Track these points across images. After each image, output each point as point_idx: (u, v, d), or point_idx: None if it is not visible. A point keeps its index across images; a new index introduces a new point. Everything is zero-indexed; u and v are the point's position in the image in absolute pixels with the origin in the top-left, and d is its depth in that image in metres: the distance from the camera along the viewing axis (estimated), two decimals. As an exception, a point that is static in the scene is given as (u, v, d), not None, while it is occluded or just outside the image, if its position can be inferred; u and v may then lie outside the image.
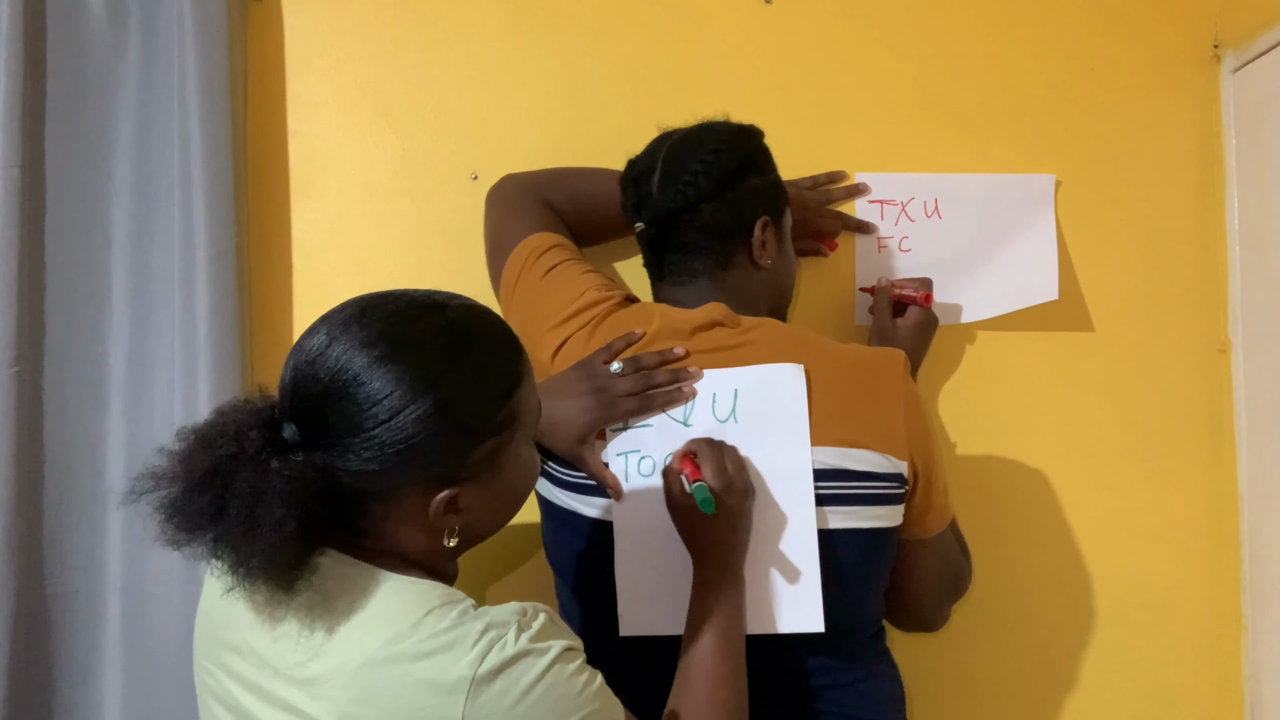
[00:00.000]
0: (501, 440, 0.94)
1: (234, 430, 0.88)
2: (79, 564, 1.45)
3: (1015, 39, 1.61)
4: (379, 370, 0.89)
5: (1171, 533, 1.61)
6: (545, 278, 1.35)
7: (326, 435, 0.90)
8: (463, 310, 0.96)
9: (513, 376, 0.95)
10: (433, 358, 0.91)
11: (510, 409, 0.94)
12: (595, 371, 1.20)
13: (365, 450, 0.89)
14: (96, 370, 1.48)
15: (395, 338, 0.91)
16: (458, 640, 0.87)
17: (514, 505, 1.01)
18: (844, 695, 1.21)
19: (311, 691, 0.89)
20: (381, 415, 0.88)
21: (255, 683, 0.93)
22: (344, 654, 0.88)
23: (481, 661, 0.86)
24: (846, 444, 1.19)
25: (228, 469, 0.86)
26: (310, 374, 0.91)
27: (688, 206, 1.26)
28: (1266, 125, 1.54)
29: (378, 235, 1.57)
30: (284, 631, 0.91)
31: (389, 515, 0.93)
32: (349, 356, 0.90)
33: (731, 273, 1.28)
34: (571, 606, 1.29)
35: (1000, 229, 1.58)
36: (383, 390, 0.89)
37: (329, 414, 0.90)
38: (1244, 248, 1.60)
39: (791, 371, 1.19)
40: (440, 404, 0.90)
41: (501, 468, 0.95)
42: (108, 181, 1.49)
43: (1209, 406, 1.62)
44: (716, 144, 1.28)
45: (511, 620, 0.89)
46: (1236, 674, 1.60)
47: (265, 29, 1.57)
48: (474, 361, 0.93)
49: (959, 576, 1.38)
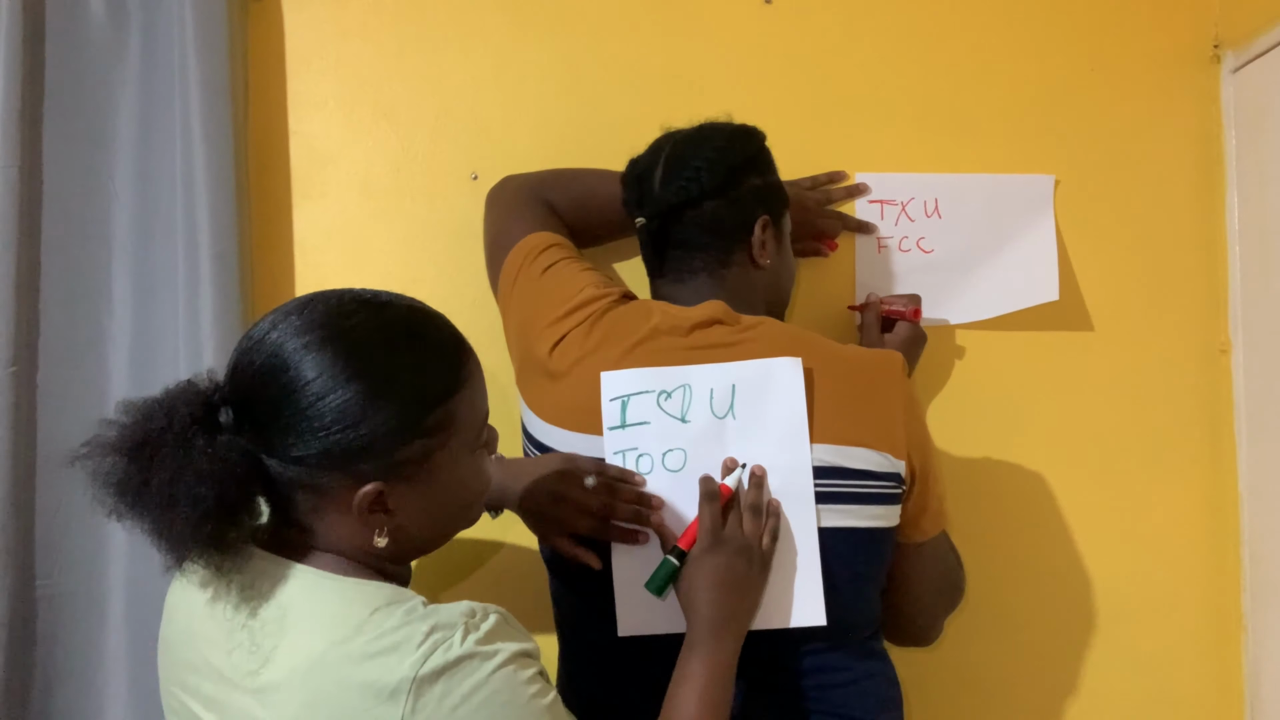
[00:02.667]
0: (432, 444, 0.92)
1: (169, 407, 0.89)
2: (78, 564, 1.45)
3: (1015, 39, 1.61)
4: (308, 356, 0.90)
5: (1171, 533, 1.61)
6: (544, 275, 1.34)
7: (256, 419, 0.90)
8: (405, 310, 0.96)
9: (451, 381, 0.94)
10: (362, 349, 0.91)
11: (445, 414, 0.93)
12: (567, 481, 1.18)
13: (289, 435, 0.89)
14: (97, 370, 1.48)
15: (329, 327, 0.91)
16: (402, 641, 0.86)
17: (455, 516, 1.00)
18: (840, 695, 1.20)
19: (263, 699, 0.88)
20: (305, 400, 0.89)
21: (214, 698, 0.93)
22: (292, 659, 0.88)
23: (424, 663, 0.84)
24: (845, 441, 1.18)
25: (156, 442, 0.87)
26: (247, 358, 0.92)
27: (690, 202, 1.26)
28: (1266, 125, 1.53)
29: (378, 235, 1.57)
30: (236, 642, 0.91)
31: (317, 508, 0.92)
32: (283, 342, 0.91)
33: (731, 271, 1.29)
34: (568, 607, 1.29)
35: (1000, 229, 1.58)
36: (308, 375, 0.89)
37: (259, 397, 0.90)
38: (1244, 248, 1.60)
39: (789, 365, 1.19)
40: (364, 394, 0.89)
41: (435, 472, 0.93)
42: (108, 182, 1.49)
43: (1209, 406, 1.62)
44: (720, 141, 1.29)
45: (459, 621, 0.87)
46: (1236, 674, 1.60)
47: (265, 29, 1.57)
48: (407, 358, 0.92)
49: (954, 586, 1.37)
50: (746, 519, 1.14)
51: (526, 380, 1.30)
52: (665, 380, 1.20)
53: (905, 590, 1.29)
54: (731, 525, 1.13)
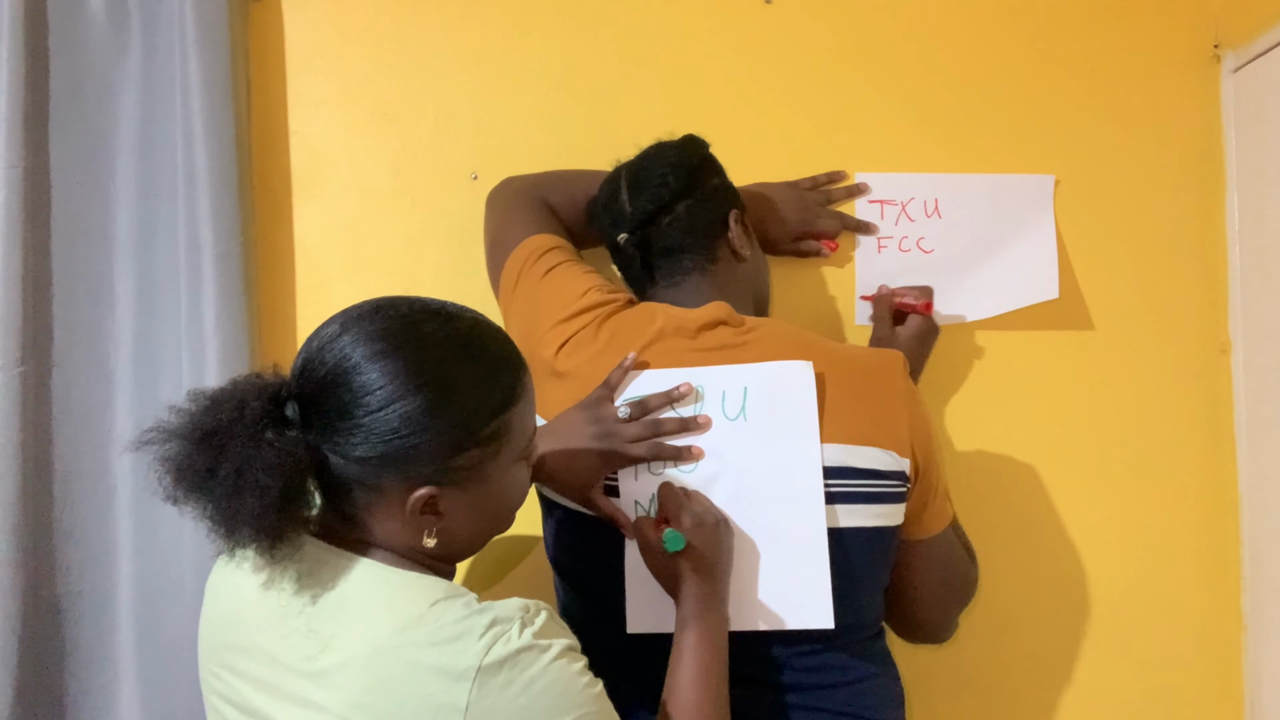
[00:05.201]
0: (487, 453, 0.97)
1: (239, 398, 0.92)
2: (87, 563, 1.46)
3: (1015, 39, 1.62)
4: (378, 363, 0.93)
5: (1171, 533, 1.61)
6: (546, 277, 1.35)
7: (322, 418, 0.93)
8: (471, 323, 0.99)
9: (508, 394, 0.98)
10: (430, 360, 0.94)
11: (501, 425, 0.97)
12: (601, 415, 1.20)
13: (354, 436, 0.92)
14: (101, 370, 1.48)
15: (399, 335, 0.95)
16: (465, 632, 0.90)
17: (498, 520, 1.04)
18: (845, 694, 1.20)
19: (323, 683, 0.91)
20: (373, 405, 0.92)
21: (266, 680, 0.95)
22: (353, 645, 0.91)
23: (488, 652, 0.89)
24: (852, 441, 1.19)
25: (226, 433, 0.90)
26: (318, 359, 0.95)
27: (664, 207, 1.30)
28: (1266, 125, 1.54)
29: (378, 235, 1.57)
30: (292, 628, 0.94)
31: (371, 505, 0.96)
32: (353, 347, 0.94)
33: (719, 267, 1.32)
34: (572, 605, 1.29)
35: (1000, 229, 1.58)
36: (377, 382, 0.92)
37: (327, 398, 0.94)
38: (1244, 248, 1.60)
39: (801, 368, 1.20)
40: (429, 404, 0.93)
41: (485, 480, 0.98)
42: (110, 182, 1.50)
43: (1209, 406, 1.62)
44: (671, 155, 1.35)
45: (516, 615, 0.92)
46: (1236, 674, 1.60)
47: (265, 29, 1.57)
48: (470, 371, 0.96)
49: (965, 581, 1.37)
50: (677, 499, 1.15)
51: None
52: (676, 382, 1.20)
53: (911, 587, 1.30)
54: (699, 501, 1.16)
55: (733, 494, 1.19)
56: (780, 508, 1.18)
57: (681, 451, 1.19)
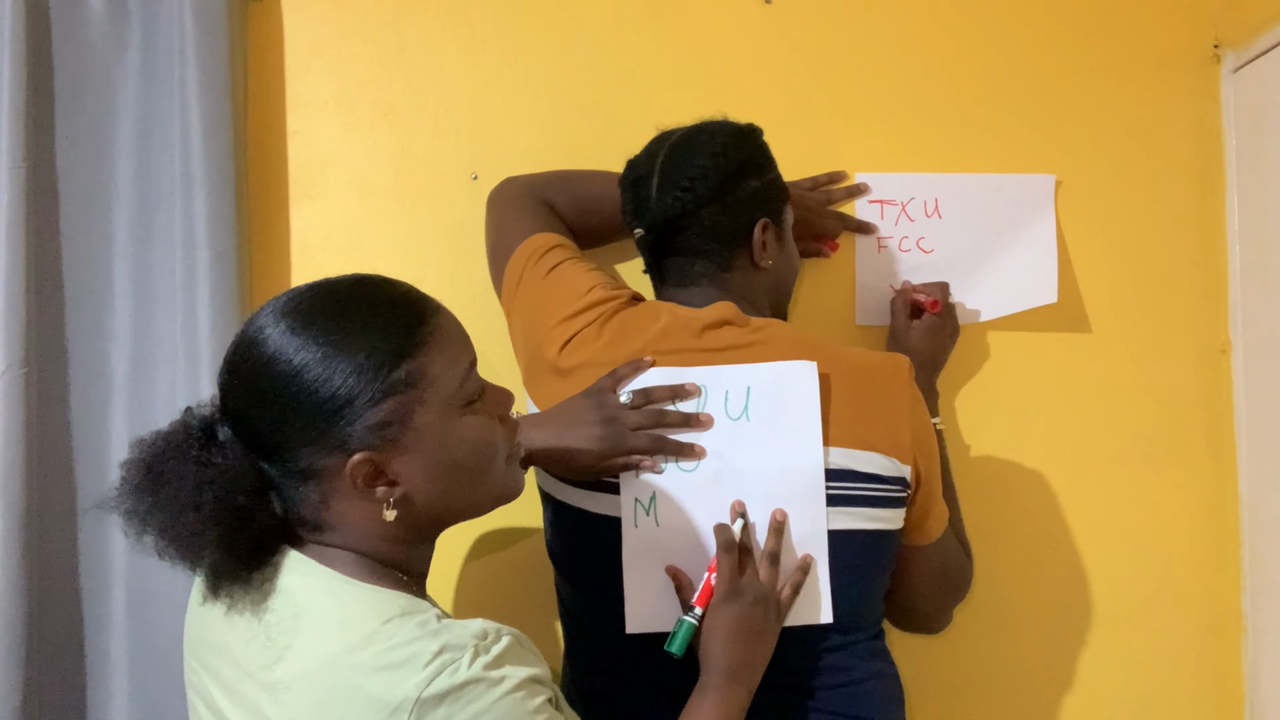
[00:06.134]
0: (405, 401, 0.92)
1: (168, 432, 0.94)
2: (84, 564, 1.46)
3: (1016, 39, 1.61)
4: (262, 338, 0.93)
5: (1171, 533, 1.61)
6: (549, 276, 1.35)
7: (244, 425, 0.93)
8: (352, 281, 0.98)
9: (408, 336, 0.94)
10: (310, 319, 0.93)
11: (413, 369, 0.92)
12: (605, 401, 1.18)
13: (269, 422, 0.92)
14: (99, 370, 1.48)
15: (277, 311, 0.94)
16: (410, 658, 0.85)
17: (458, 476, 0.97)
18: (845, 695, 1.20)
19: (274, 697, 0.89)
20: (269, 381, 0.91)
21: (229, 683, 0.94)
22: (303, 661, 0.89)
23: (429, 684, 0.84)
24: (854, 445, 1.19)
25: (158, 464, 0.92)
26: (224, 373, 0.96)
27: (686, 212, 1.26)
28: (1266, 125, 1.53)
29: (378, 235, 1.57)
30: (254, 633, 0.92)
31: (325, 497, 0.94)
32: (245, 346, 0.94)
33: (733, 274, 1.29)
34: (573, 602, 1.29)
35: (1000, 229, 1.58)
36: (267, 352, 0.92)
37: (239, 397, 0.94)
38: (1244, 248, 1.60)
39: (805, 369, 1.19)
40: (320, 359, 0.91)
41: (424, 435, 0.93)
42: (109, 181, 1.49)
43: (1209, 406, 1.62)
44: (713, 148, 1.27)
45: (469, 643, 0.86)
46: (1236, 674, 1.60)
47: (265, 29, 1.57)
48: (356, 319, 0.93)
49: (961, 578, 1.38)
50: (764, 568, 1.15)
51: (535, 380, 1.30)
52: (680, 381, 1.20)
53: (910, 589, 1.30)
54: (749, 574, 1.13)
55: (734, 494, 1.18)
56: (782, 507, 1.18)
57: (684, 448, 1.19)
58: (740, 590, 1.11)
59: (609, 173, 1.42)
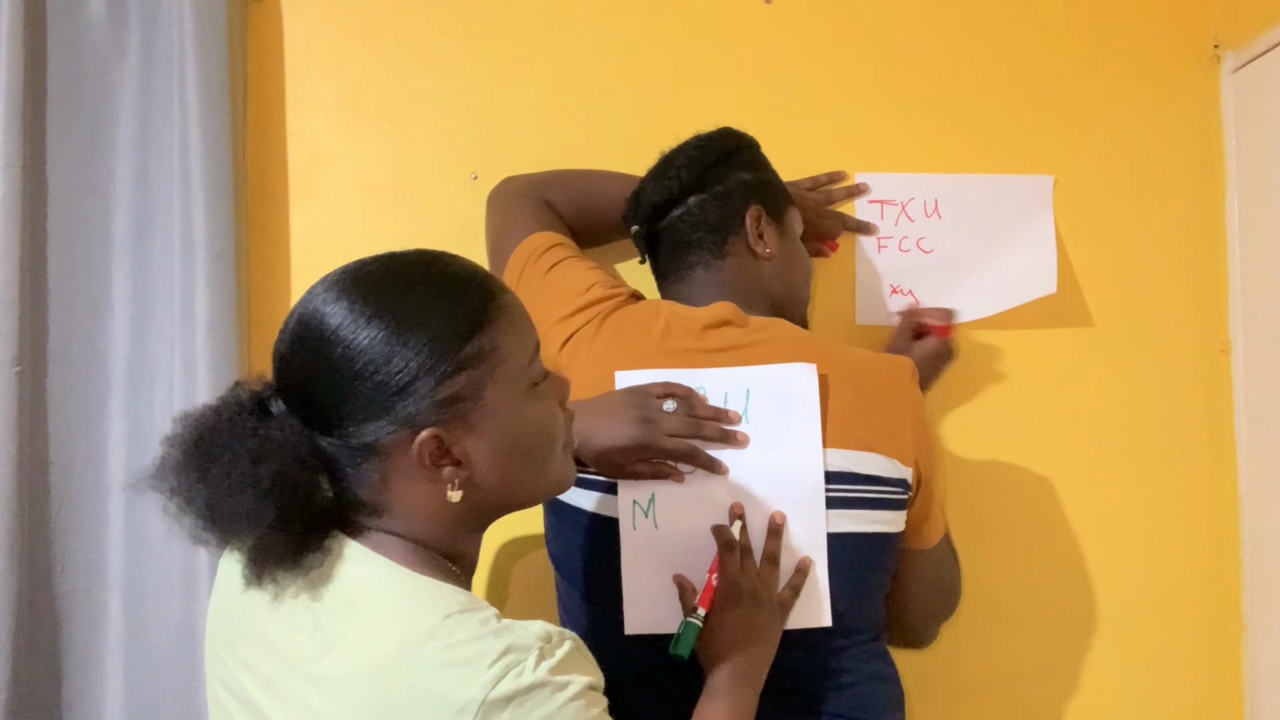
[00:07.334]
0: (479, 376, 0.90)
1: (218, 405, 0.90)
2: (80, 563, 1.45)
3: (1015, 39, 1.62)
4: (326, 310, 0.89)
5: (1171, 533, 1.61)
6: (548, 274, 1.35)
7: (303, 400, 0.89)
8: (419, 253, 0.96)
9: (479, 311, 0.91)
10: (378, 291, 0.90)
11: (484, 345, 0.90)
12: (647, 401, 1.17)
13: (331, 397, 0.88)
14: (96, 370, 1.47)
15: (343, 281, 0.91)
16: (475, 657, 0.83)
17: (531, 463, 0.95)
18: (845, 697, 1.20)
19: (323, 689, 0.87)
20: (334, 357, 0.88)
21: (266, 673, 0.91)
22: (357, 654, 0.86)
23: (495, 685, 0.81)
24: (855, 446, 1.19)
25: (209, 438, 0.88)
26: (281, 347, 0.92)
27: (672, 201, 1.30)
28: (1266, 125, 1.54)
29: (378, 235, 1.57)
30: (300, 622, 0.89)
31: (386, 477, 0.90)
32: (306, 318, 0.91)
33: (727, 263, 1.30)
34: (572, 603, 1.29)
35: (1000, 229, 1.58)
36: (331, 325, 0.89)
37: (297, 371, 0.90)
38: (1244, 248, 1.60)
39: (804, 371, 1.19)
40: (389, 331, 0.88)
41: (493, 412, 0.91)
42: (108, 181, 1.49)
43: (1209, 406, 1.62)
44: (698, 141, 1.34)
45: (534, 645, 0.84)
46: (1236, 674, 1.60)
47: (265, 29, 1.57)
48: (425, 292, 0.91)
49: (953, 591, 1.38)
50: (764, 568, 1.15)
51: None
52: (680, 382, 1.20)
53: (902, 595, 1.30)
54: (749, 576, 1.13)
55: (733, 496, 1.18)
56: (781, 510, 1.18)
57: (714, 462, 1.18)
58: (742, 591, 1.11)
59: (609, 172, 1.43)
